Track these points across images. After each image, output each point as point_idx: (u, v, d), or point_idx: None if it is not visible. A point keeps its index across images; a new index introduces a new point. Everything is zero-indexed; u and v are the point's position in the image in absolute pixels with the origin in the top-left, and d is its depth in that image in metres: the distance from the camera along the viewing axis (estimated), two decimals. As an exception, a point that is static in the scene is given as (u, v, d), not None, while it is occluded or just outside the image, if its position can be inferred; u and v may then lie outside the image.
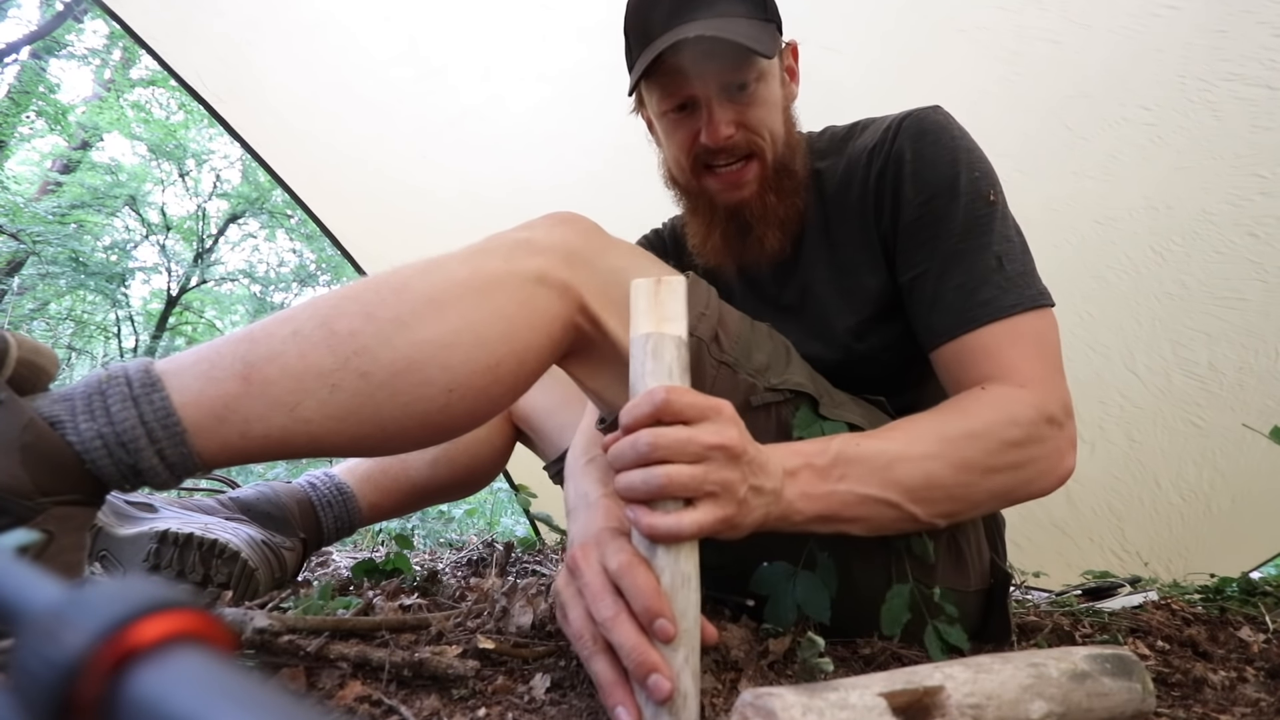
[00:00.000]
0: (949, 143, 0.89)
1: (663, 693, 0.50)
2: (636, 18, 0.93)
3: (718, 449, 0.55)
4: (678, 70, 0.90)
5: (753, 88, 0.91)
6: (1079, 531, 1.97)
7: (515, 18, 1.77)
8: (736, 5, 0.90)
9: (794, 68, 1.02)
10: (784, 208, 0.97)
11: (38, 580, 0.18)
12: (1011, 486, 0.76)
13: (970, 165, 0.87)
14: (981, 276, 0.82)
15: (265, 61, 1.87)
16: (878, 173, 0.92)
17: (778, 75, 0.95)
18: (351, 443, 0.65)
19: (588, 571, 0.58)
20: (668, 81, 0.92)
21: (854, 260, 0.96)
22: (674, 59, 0.88)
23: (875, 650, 0.78)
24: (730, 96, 0.91)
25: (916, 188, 0.88)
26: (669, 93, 0.93)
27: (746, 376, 0.79)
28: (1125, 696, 0.51)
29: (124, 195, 9.54)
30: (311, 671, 0.63)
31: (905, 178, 0.89)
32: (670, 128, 0.97)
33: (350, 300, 0.65)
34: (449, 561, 1.39)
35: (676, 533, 0.53)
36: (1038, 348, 0.80)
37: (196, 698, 0.14)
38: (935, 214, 0.86)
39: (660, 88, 0.94)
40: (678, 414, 0.55)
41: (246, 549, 0.90)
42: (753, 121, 0.93)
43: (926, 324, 0.86)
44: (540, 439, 1.27)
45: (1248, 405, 1.64)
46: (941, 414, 0.76)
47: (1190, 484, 1.84)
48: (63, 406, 0.59)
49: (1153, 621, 1.08)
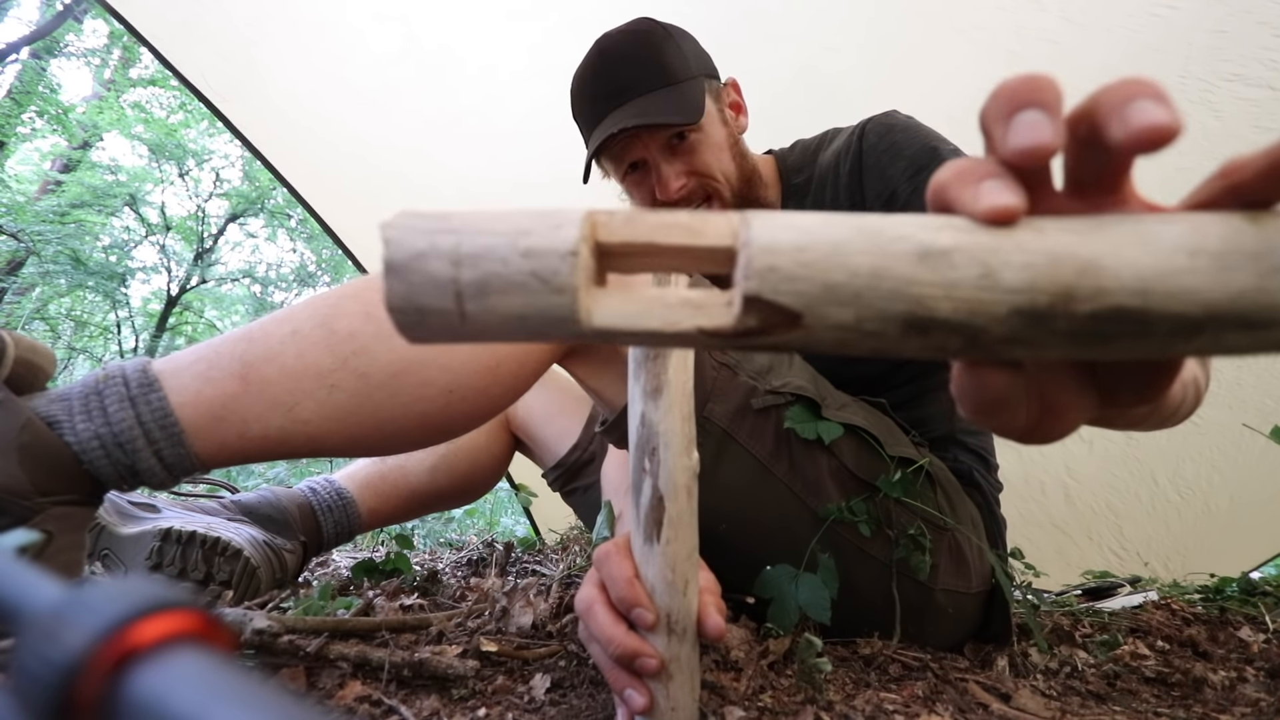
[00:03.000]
0: (916, 126, 0.95)
1: (651, 669, 0.49)
2: (576, 105, 1.06)
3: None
4: (619, 145, 1.01)
5: (692, 137, 0.99)
6: (1078, 530, 1.97)
7: (516, 17, 1.77)
8: (657, 78, 0.98)
9: (739, 101, 1.09)
10: None
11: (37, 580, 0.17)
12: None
13: (941, 139, 0.93)
14: None
15: (268, 60, 1.87)
16: (849, 171, 0.98)
17: (717, 118, 1.03)
18: (350, 443, 0.65)
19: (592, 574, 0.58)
20: (613, 153, 1.03)
21: None
22: (614, 139, 0.99)
23: (875, 650, 0.78)
24: (673, 151, 1.00)
25: (901, 167, 0.92)
26: (618, 161, 1.04)
27: (747, 379, 0.79)
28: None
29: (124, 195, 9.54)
30: (311, 671, 0.63)
31: (886, 164, 0.94)
32: (632, 189, 1.07)
33: (350, 299, 0.65)
34: (449, 561, 1.39)
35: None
36: None
37: (197, 697, 0.14)
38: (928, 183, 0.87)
39: (609, 159, 1.05)
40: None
41: (249, 547, 0.90)
42: (701, 167, 1.00)
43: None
44: (538, 446, 1.28)
45: (1245, 404, 1.64)
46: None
47: (1188, 481, 1.84)
48: (60, 406, 0.59)
49: (1153, 621, 1.09)
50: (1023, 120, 0.24)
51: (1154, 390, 0.30)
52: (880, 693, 0.65)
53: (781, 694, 0.63)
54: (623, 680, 0.51)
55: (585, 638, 0.56)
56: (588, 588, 0.56)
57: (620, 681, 0.51)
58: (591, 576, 0.57)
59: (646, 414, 0.51)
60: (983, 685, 0.72)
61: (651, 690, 0.50)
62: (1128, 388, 0.30)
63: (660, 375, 0.51)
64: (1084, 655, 0.86)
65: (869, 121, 0.99)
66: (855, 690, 0.66)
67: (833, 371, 0.90)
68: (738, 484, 0.79)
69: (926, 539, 0.80)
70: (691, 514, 0.52)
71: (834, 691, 0.65)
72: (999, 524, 1.02)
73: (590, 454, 1.23)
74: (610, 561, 0.53)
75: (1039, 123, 0.24)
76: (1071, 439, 1.73)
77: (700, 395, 0.76)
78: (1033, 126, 0.24)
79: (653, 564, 0.51)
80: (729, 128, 1.04)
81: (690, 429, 0.52)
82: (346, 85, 1.90)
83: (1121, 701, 0.72)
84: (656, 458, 0.51)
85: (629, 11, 1.10)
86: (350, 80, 1.89)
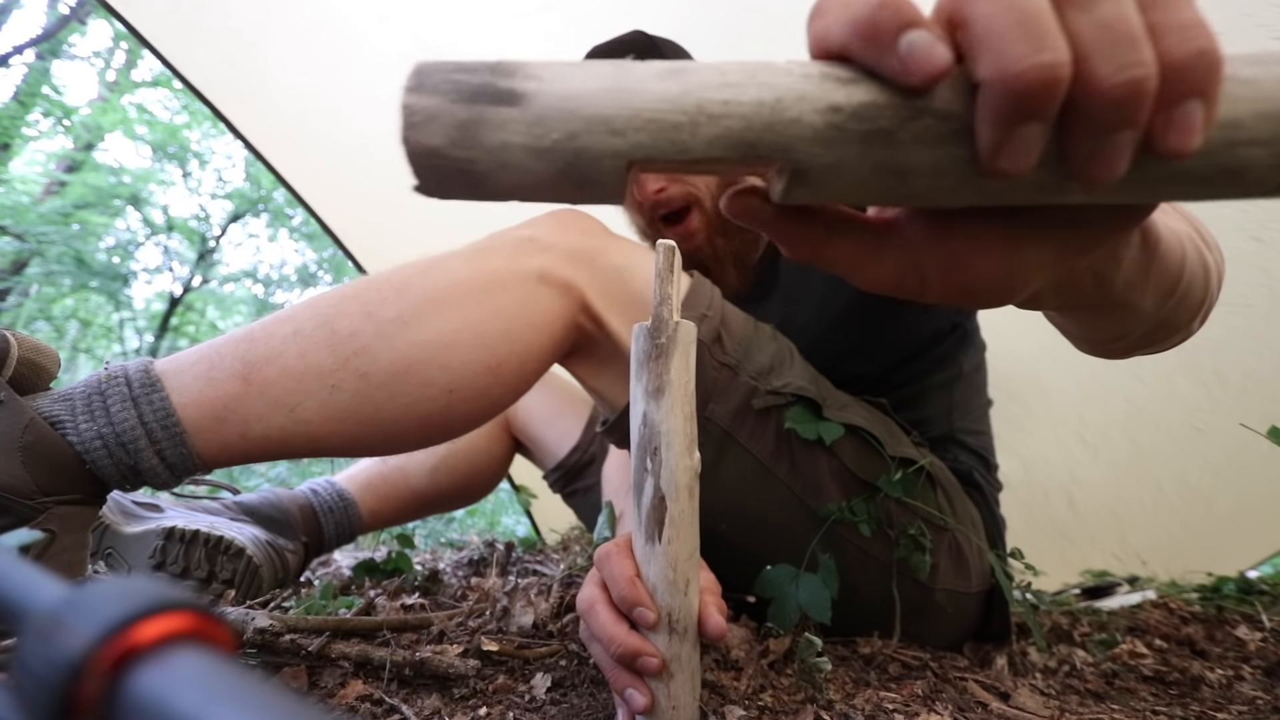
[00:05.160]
0: None
1: (652, 668, 0.50)
2: None
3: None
4: None
5: None
6: (1080, 535, 1.97)
7: (518, 16, 1.77)
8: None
9: None
10: (734, 246, 1.03)
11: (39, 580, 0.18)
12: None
13: None
14: None
15: (271, 60, 1.87)
16: None
17: None
18: (351, 443, 0.65)
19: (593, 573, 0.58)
20: None
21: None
22: None
23: (874, 649, 0.78)
24: None
25: None
26: None
27: (748, 379, 0.79)
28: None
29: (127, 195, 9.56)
30: (313, 671, 0.63)
31: None
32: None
33: (351, 299, 0.65)
34: (450, 561, 1.39)
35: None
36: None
37: (198, 697, 0.14)
38: None
39: None
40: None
41: (252, 546, 0.91)
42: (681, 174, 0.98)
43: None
44: (538, 448, 1.28)
45: (1250, 409, 1.64)
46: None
47: (1192, 487, 1.83)
48: (63, 406, 0.59)
49: (1150, 620, 1.09)
50: (915, 42, 0.24)
51: (1113, 225, 0.30)
52: (880, 692, 0.65)
53: (782, 693, 0.64)
54: (624, 680, 0.51)
55: (586, 638, 0.57)
56: (589, 587, 0.56)
57: (621, 681, 0.52)
58: (593, 576, 0.57)
59: (648, 414, 0.51)
60: (982, 684, 0.72)
61: (653, 690, 0.51)
62: (1080, 227, 0.30)
63: (662, 375, 0.51)
64: (1082, 654, 0.86)
65: None
66: (855, 689, 0.67)
67: (833, 371, 0.91)
68: (739, 484, 0.79)
69: (927, 539, 0.81)
70: (693, 514, 0.52)
71: (834, 691, 0.65)
72: (999, 524, 1.03)
73: (591, 455, 1.24)
74: (611, 561, 0.54)
75: (932, 43, 0.24)
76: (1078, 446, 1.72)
77: (701, 395, 0.76)
78: (931, 47, 0.24)
79: (655, 563, 0.51)
80: None
81: (692, 429, 0.52)
82: (349, 86, 1.90)
83: (1120, 700, 0.72)
84: (658, 457, 0.51)
85: (632, 12, 1.10)
86: (353, 81, 1.89)
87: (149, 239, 10.42)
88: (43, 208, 8.19)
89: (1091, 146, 0.25)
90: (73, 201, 8.73)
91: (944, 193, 0.27)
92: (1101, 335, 0.50)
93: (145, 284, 11.12)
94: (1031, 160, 0.25)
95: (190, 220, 10.75)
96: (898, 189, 0.27)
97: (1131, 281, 0.40)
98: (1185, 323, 0.50)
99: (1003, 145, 0.25)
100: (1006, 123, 0.24)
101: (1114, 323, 0.46)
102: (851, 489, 0.80)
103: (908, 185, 0.26)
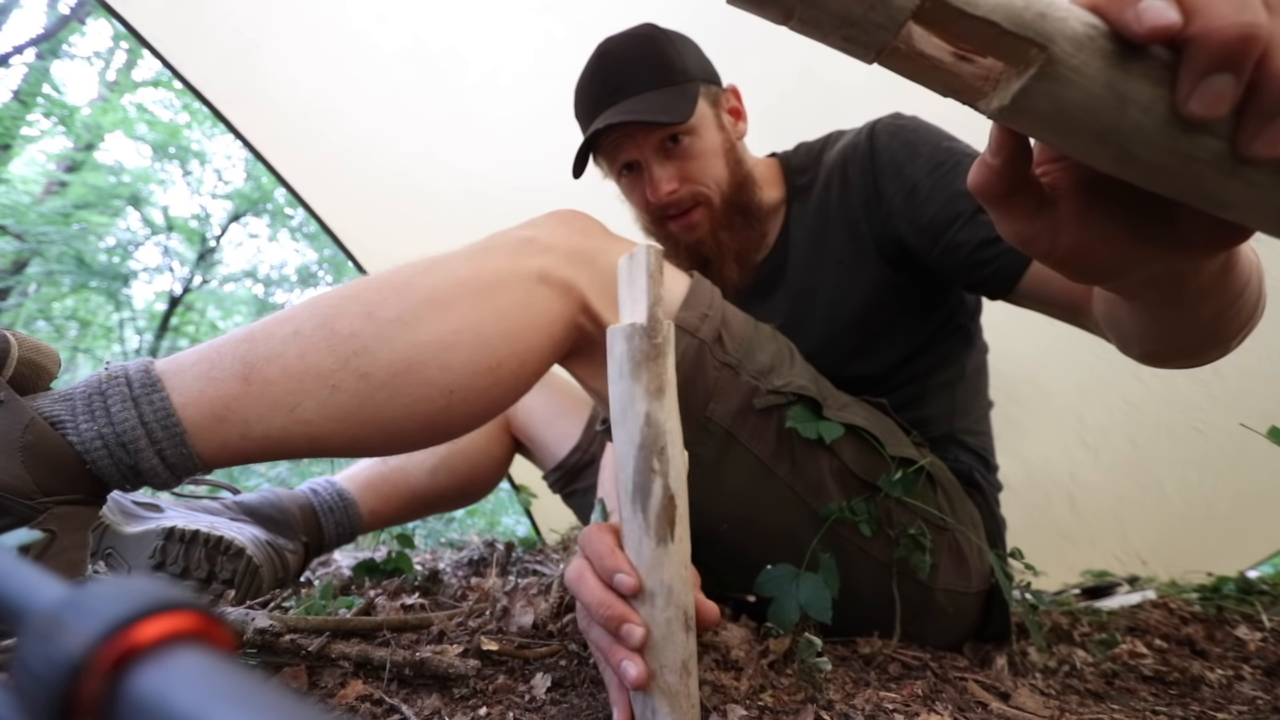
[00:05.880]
0: (926, 125, 0.96)
1: (635, 639, 0.50)
2: (576, 105, 1.08)
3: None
4: (613, 144, 1.03)
5: (686, 141, 1.01)
6: (1081, 535, 1.97)
7: (519, 16, 1.77)
8: (652, 79, 1.00)
9: (738, 108, 1.11)
10: (738, 241, 1.06)
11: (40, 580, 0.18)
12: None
13: (951, 136, 0.93)
14: None
15: (271, 60, 1.87)
16: (862, 171, 0.98)
17: (713, 123, 1.04)
18: (351, 443, 0.65)
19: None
20: (608, 152, 1.06)
21: (843, 260, 1.00)
22: (606, 137, 1.02)
23: (874, 649, 0.78)
24: (666, 154, 1.02)
25: (920, 164, 0.92)
26: (612, 160, 1.07)
27: (749, 379, 0.79)
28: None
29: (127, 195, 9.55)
30: (313, 671, 0.63)
31: (903, 161, 0.94)
32: (626, 189, 1.09)
33: (351, 299, 0.65)
34: (450, 561, 1.39)
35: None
36: None
37: (198, 697, 0.14)
38: (949, 177, 0.88)
39: (605, 158, 1.08)
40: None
41: (252, 546, 0.91)
42: (693, 173, 1.02)
43: (996, 266, 0.81)
44: (538, 448, 1.29)
45: (1250, 409, 1.64)
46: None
47: (1192, 487, 1.83)
48: (63, 406, 0.59)
49: (1150, 620, 1.09)
50: (1151, 4, 0.28)
51: (1226, 236, 0.35)
52: (880, 692, 0.65)
53: (782, 693, 0.64)
54: (619, 654, 0.51)
55: (584, 625, 0.57)
56: (577, 560, 0.58)
57: (617, 655, 0.51)
58: (579, 553, 0.59)
59: (652, 414, 0.51)
60: (982, 684, 0.72)
61: (670, 684, 0.50)
62: (1202, 227, 0.34)
63: (662, 375, 0.51)
64: (1082, 654, 0.86)
65: (877, 123, 1.00)
66: (855, 689, 0.67)
67: (834, 372, 0.91)
68: (740, 484, 0.79)
69: (927, 539, 0.81)
70: (687, 510, 0.52)
71: (834, 690, 0.65)
72: (999, 524, 1.03)
73: (590, 455, 1.24)
74: (592, 538, 0.56)
75: (1165, 7, 0.28)
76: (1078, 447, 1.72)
77: (702, 395, 0.76)
78: (1164, 10, 0.28)
79: (669, 564, 0.51)
80: (725, 133, 1.05)
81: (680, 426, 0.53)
82: (349, 86, 1.90)
83: (1119, 700, 0.72)
84: (665, 456, 0.51)
85: (635, 13, 1.10)
86: (353, 81, 1.89)
87: (149, 239, 10.42)
88: (43, 208, 8.19)
89: (1264, 121, 0.29)
90: (73, 201, 8.73)
91: (1144, 136, 0.31)
92: (1153, 333, 0.53)
93: (145, 284, 11.11)
94: (1218, 109, 0.29)
95: (190, 220, 10.75)
96: (1116, 114, 0.30)
97: (1202, 288, 0.44)
98: (1227, 339, 0.53)
99: (1198, 87, 0.28)
100: (1202, 72, 0.28)
101: (1170, 322, 0.50)
102: (852, 489, 0.80)
103: (1124, 115, 0.30)
